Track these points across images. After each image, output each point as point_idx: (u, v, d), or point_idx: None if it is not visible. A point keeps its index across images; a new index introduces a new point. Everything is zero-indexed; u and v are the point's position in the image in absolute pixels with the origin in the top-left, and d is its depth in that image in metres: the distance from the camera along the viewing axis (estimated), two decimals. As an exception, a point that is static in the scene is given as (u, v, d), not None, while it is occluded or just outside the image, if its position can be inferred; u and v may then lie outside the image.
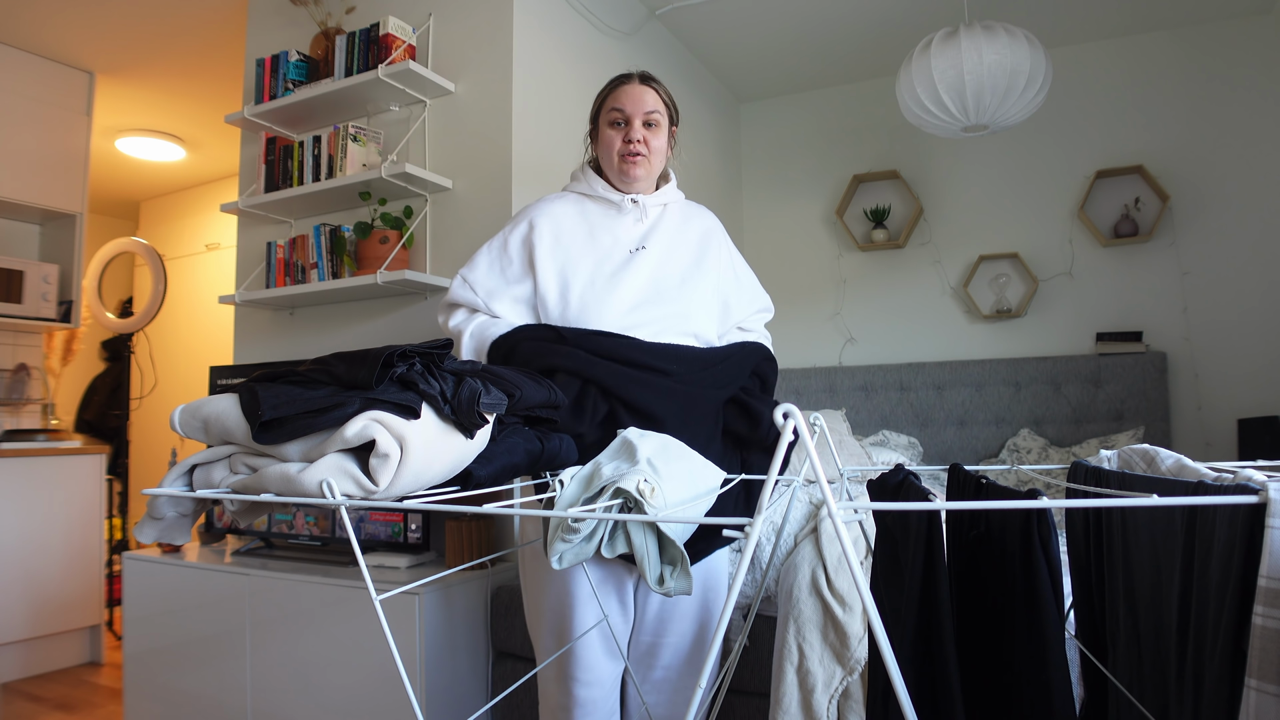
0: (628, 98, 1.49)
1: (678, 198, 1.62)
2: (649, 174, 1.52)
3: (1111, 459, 0.91)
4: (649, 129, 1.50)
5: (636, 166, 1.49)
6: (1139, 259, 3.38)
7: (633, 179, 1.50)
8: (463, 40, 2.55)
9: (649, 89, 1.51)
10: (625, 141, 1.49)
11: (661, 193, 1.57)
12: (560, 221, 1.52)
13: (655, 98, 1.51)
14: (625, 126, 1.49)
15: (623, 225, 1.52)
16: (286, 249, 2.67)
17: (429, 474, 0.92)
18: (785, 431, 0.67)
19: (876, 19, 3.35)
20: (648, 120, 1.49)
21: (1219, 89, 3.30)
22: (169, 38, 3.39)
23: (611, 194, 1.53)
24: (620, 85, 1.52)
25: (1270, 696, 0.56)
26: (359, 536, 2.25)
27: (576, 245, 1.49)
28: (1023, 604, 0.80)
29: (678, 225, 1.56)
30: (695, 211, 1.63)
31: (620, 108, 1.49)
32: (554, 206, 1.55)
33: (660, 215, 1.56)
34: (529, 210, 1.56)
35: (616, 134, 1.50)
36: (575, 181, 1.59)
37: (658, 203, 1.55)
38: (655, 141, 1.51)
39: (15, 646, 3.10)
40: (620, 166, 1.50)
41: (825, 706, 1.61)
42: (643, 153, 1.49)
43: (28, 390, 3.53)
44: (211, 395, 0.95)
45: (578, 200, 1.56)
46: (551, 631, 1.40)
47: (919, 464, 3.26)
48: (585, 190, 1.56)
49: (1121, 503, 0.65)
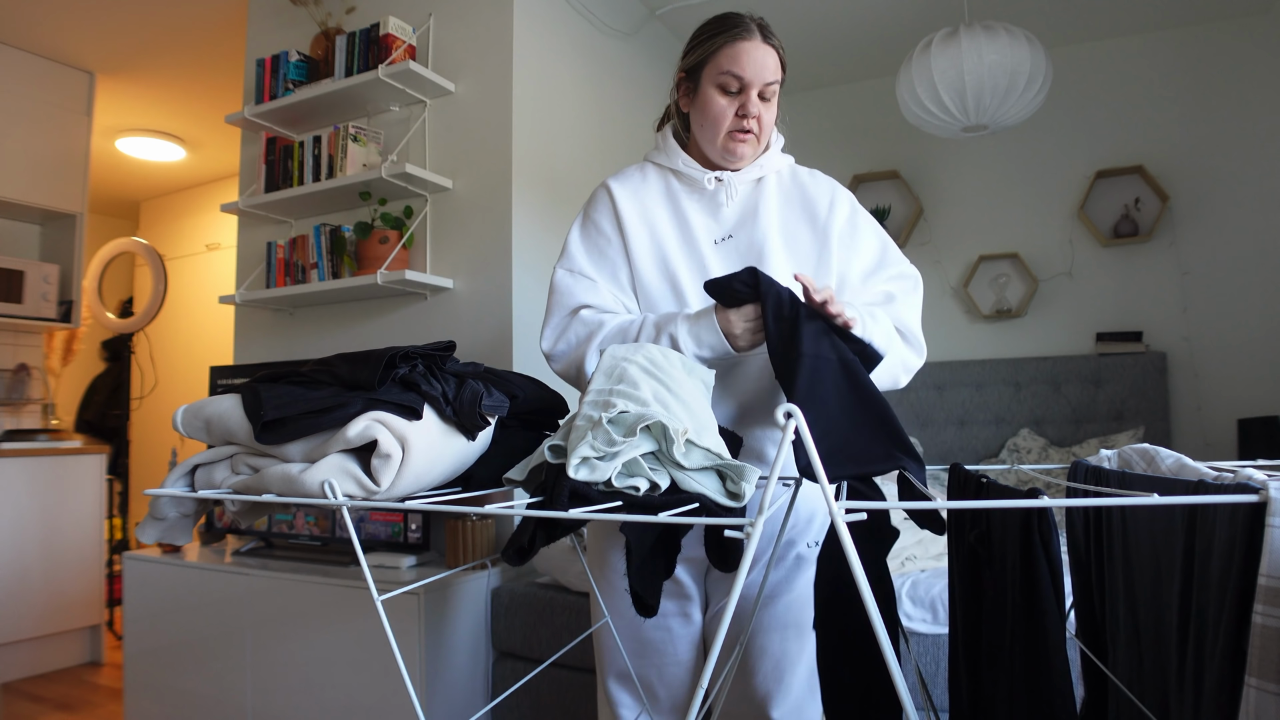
0: (750, 60, 1.18)
1: (783, 164, 1.32)
2: (755, 154, 1.27)
3: (1112, 459, 0.91)
4: (764, 102, 1.22)
5: (746, 144, 1.23)
6: (1139, 259, 3.38)
7: (739, 157, 1.24)
8: (463, 40, 2.55)
9: (772, 50, 1.21)
10: (739, 115, 1.21)
11: (755, 166, 1.27)
12: (643, 199, 1.28)
13: (777, 64, 1.22)
14: (740, 95, 1.20)
15: (708, 209, 1.27)
16: (287, 249, 2.67)
17: (431, 475, 0.92)
18: (787, 431, 0.67)
19: (876, 19, 3.35)
20: (764, 93, 1.21)
21: (1219, 89, 3.30)
22: (169, 38, 3.39)
23: (694, 169, 1.27)
24: (740, 39, 1.19)
25: (1270, 695, 0.56)
26: (359, 536, 2.25)
27: (665, 228, 1.26)
28: (1023, 603, 0.80)
29: (782, 207, 1.28)
30: (806, 186, 1.30)
31: (739, 73, 1.19)
32: (634, 182, 1.30)
33: (754, 193, 1.28)
34: (602, 186, 1.31)
35: (729, 104, 1.20)
36: (656, 151, 1.33)
37: (749, 179, 1.28)
38: (768, 116, 1.23)
39: (15, 646, 3.10)
40: (726, 145, 1.23)
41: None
42: (755, 131, 1.22)
43: (28, 390, 3.53)
44: (213, 395, 0.95)
45: (661, 175, 1.30)
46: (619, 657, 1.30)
47: (919, 464, 3.26)
48: (665, 162, 1.30)
49: (1122, 502, 0.65)
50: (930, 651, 1.69)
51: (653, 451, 0.85)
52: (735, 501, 0.82)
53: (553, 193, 2.61)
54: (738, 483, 0.83)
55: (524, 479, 0.92)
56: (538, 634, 2.01)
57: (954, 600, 1.09)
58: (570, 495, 0.78)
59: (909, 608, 1.73)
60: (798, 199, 1.29)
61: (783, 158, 1.32)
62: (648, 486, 0.82)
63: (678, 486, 0.84)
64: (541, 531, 0.86)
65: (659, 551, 0.97)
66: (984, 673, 0.94)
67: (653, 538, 0.96)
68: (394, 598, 1.90)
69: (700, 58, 1.23)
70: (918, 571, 1.82)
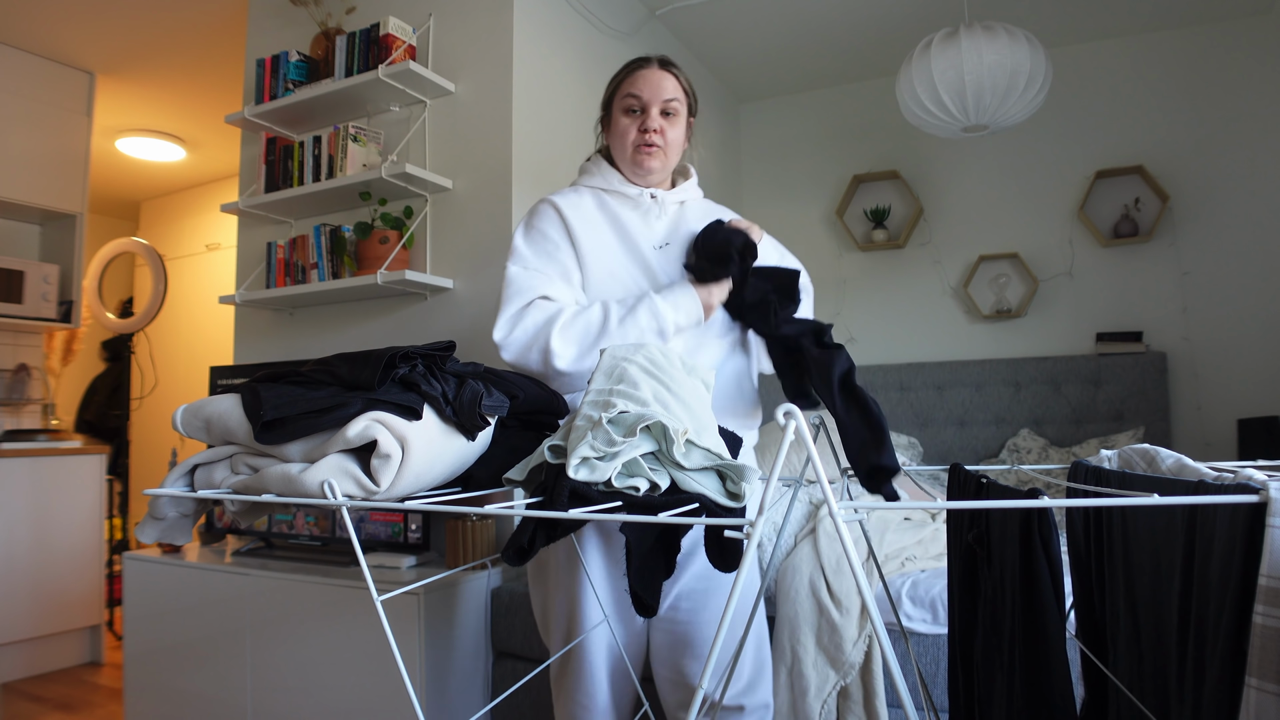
0: (645, 83, 1.37)
1: (697, 195, 1.50)
2: (664, 166, 1.41)
3: (1112, 459, 0.91)
4: (666, 118, 1.37)
5: (651, 158, 1.37)
6: (1139, 259, 3.38)
7: (647, 170, 1.38)
8: (463, 40, 2.55)
9: (669, 74, 1.39)
10: (641, 131, 1.36)
11: (680, 189, 1.46)
12: (583, 212, 1.39)
13: (675, 84, 1.38)
14: (641, 115, 1.37)
15: (644, 221, 1.40)
16: (287, 249, 2.67)
17: (430, 475, 0.92)
18: (787, 431, 0.67)
19: (876, 19, 3.35)
20: (665, 109, 1.37)
21: (1219, 89, 3.30)
22: (169, 38, 3.39)
23: (629, 188, 1.40)
24: (637, 69, 1.39)
25: (1270, 695, 0.56)
26: (359, 536, 2.25)
27: (606, 237, 1.37)
28: (1023, 603, 0.80)
29: (701, 224, 1.44)
30: (718, 214, 1.49)
31: (637, 94, 1.36)
32: (571, 199, 1.41)
33: (679, 213, 1.44)
34: (547, 201, 1.41)
35: (632, 122, 1.37)
36: (587, 175, 1.46)
37: (675, 200, 1.44)
38: (672, 132, 1.38)
39: (16, 646, 3.10)
40: (634, 157, 1.38)
41: (817, 711, 1.61)
42: (658, 144, 1.37)
43: (28, 390, 3.53)
44: (213, 395, 0.95)
45: (594, 194, 1.43)
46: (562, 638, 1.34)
47: (919, 464, 3.26)
48: (601, 184, 1.43)
49: (1122, 502, 0.65)
50: (930, 651, 1.69)
51: (653, 452, 0.85)
52: (735, 502, 0.82)
53: (552, 193, 2.60)
54: (737, 483, 0.83)
55: (524, 479, 0.92)
56: (538, 634, 2.01)
57: (953, 600, 1.09)
58: (570, 495, 0.78)
59: (909, 608, 1.73)
60: None
61: (698, 189, 1.51)
62: (648, 486, 0.82)
63: (678, 487, 0.84)
64: (541, 531, 0.86)
65: (659, 551, 0.97)
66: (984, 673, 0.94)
67: (652, 538, 0.96)
68: (394, 598, 1.90)
69: (610, 92, 1.43)
70: (918, 571, 1.82)
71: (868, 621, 1.65)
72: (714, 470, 0.85)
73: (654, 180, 1.42)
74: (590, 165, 1.47)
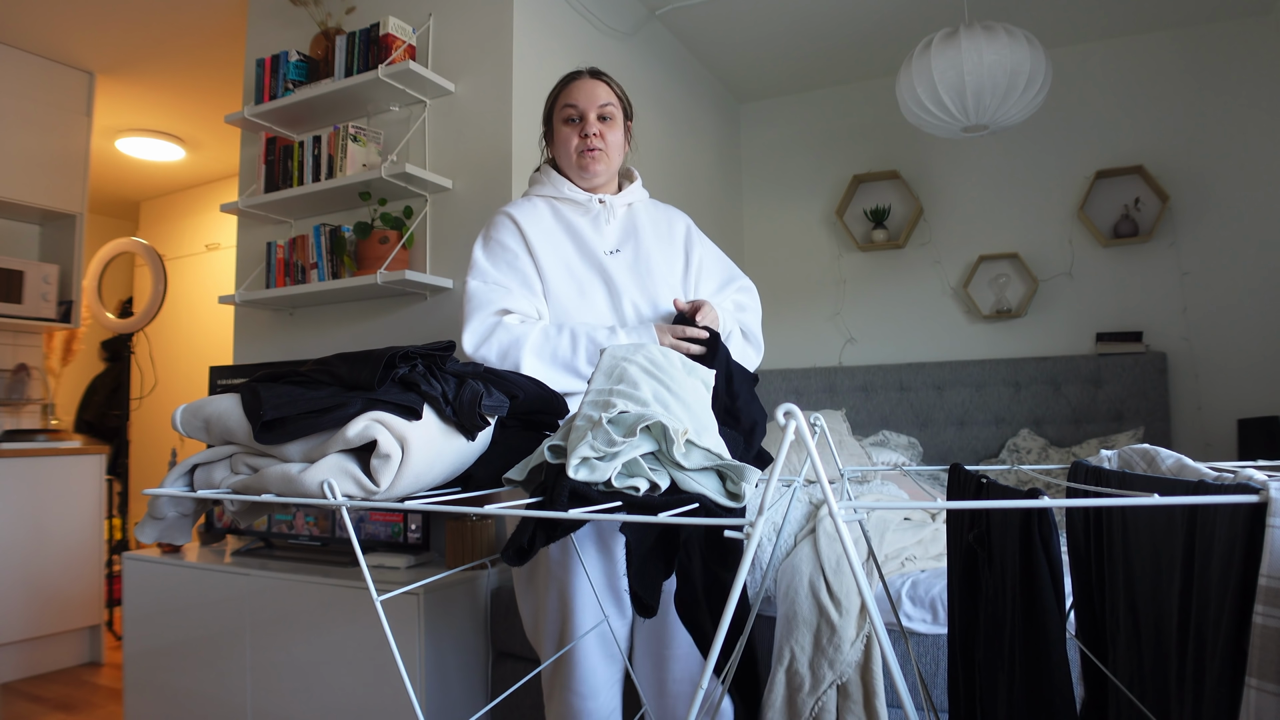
0: (580, 92, 1.47)
1: (642, 196, 1.59)
2: (609, 169, 1.49)
3: (1112, 459, 0.91)
4: (604, 123, 1.47)
5: (596, 162, 1.46)
6: (1139, 259, 3.38)
7: (593, 174, 1.47)
8: (463, 40, 2.55)
9: (600, 82, 1.49)
10: (581, 137, 1.46)
11: (626, 192, 1.54)
12: (538, 221, 1.47)
13: (607, 91, 1.49)
14: (580, 122, 1.46)
15: (595, 227, 1.49)
16: (286, 249, 2.67)
17: (430, 475, 0.92)
18: (787, 431, 0.67)
19: (876, 19, 3.35)
20: (602, 114, 1.47)
21: (1219, 89, 3.30)
22: (169, 38, 3.39)
23: (578, 194, 1.49)
24: (571, 81, 1.50)
25: (1270, 695, 0.56)
26: (359, 537, 2.25)
27: (562, 244, 1.46)
28: (1023, 604, 0.80)
29: (652, 228, 1.54)
30: (665, 213, 1.60)
31: (573, 103, 1.47)
32: (526, 209, 1.49)
33: (628, 216, 1.53)
34: (502, 213, 1.49)
35: (572, 130, 1.47)
36: (539, 185, 1.54)
37: (623, 203, 1.53)
38: (611, 136, 1.48)
39: (15, 646, 3.10)
40: (579, 163, 1.47)
41: (810, 706, 1.61)
42: (600, 147, 1.46)
43: (28, 390, 3.53)
44: (213, 395, 0.95)
45: (547, 203, 1.51)
46: (553, 637, 1.35)
47: (919, 464, 3.26)
48: (551, 193, 1.51)
49: (1122, 502, 0.65)
50: (930, 651, 1.69)
51: (653, 452, 0.84)
52: (735, 502, 0.82)
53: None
54: (737, 483, 0.83)
55: (524, 479, 0.92)
56: (537, 634, 2.01)
57: (953, 600, 1.09)
58: (570, 495, 0.78)
59: (909, 608, 1.73)
60: (663, 223, 1.57)
61: (643, 190, 1.59)
62: (648, 487, 0.82)
63: (678, 487, 0.84)
64: (541, 532, 0.86)
65: (659, 551, 0.97)
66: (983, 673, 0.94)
67: (653, 538, 0.96)
68: (394, 598, 1.90)
69: (549, 106, 1.53)
70: (918, 571, 1.82)
71: (867, 621, 1.65)
72: (714, 470, 0.85)
73: (599, 183, 1.51)
74: (540, 175, 1.55)
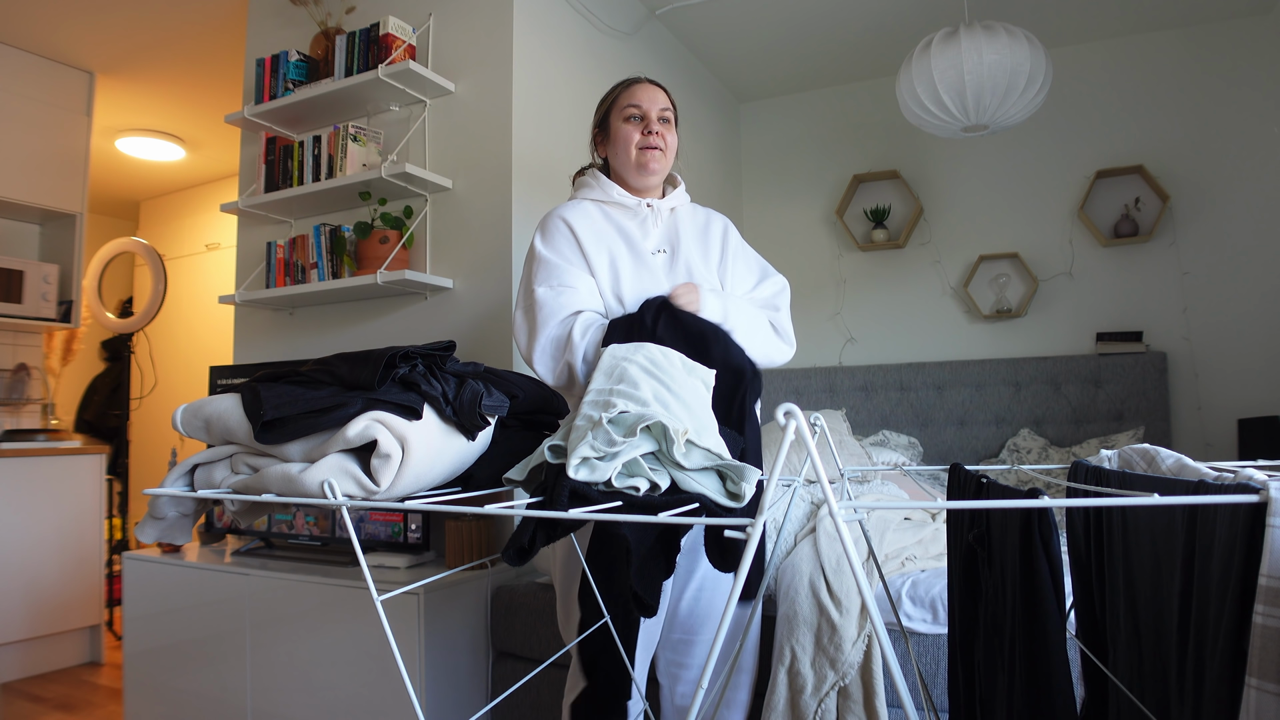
0: (644, 95, 1.54)
1: (684, 201, 1.64)
2: (664, 169, 1.55)
3: (1112, 459, 0.91)
4: (664, 124, 1.54)
5: (655, 160, 1.52)
6: (1139, 259, 3.38)
7: (651, 172, 1.53)
8: (463, 40, 2.55)
9: (659, 89, 1.57)
10: (644, 134, 1.52)
11: (671, 197, 1.60)
12: (590, 223, 1.52)
13: (665, 97, 1.57)
14: (643, 121, 1.53)
15: (641, 229, 1.55)
16: (286, 249, 2.67)
17: (430, 475, 0.92)
18: (787, 431, 0.67)
19: (876, 19, 3.35)
20: (662, 116, 1.54)
21: (1219, 89, 3.30)
22: (169, 38, 3.39)
23: (627, 199, 1.54)
24: (634, 84, 1.57)
25: (1270, 695, 0.56)
26: (359, 536, 2.25)
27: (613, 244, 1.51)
28: (1023, 604, 0.80)
29: (693, 230, 1.59)
30: (705, 215, 1.65)
31: (637, 104, 1.53)
32: (576, 211, 1.53)
33: (671, 219, 1.58)
34: (553, 214, 1.54)
35: (634, 129, 1.52)
36: (586, 189, 1.59)
37: (668, 207, 1.59)
38: (670, 137, 1.55)
39: (15, 646, 3.10)
40: (639, 159, 1.52)
41: (814, 709, 1.61)
42: (660, 146, 1.52)
43: (28, 390, 3.53)
44: (213, 395, 0.95)
45: (596, 206, 1.56)
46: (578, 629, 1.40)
47: (919, 464, 3.26)
48: (600, 196, 1.56)
49: (1122, 502, 0.65)
50: (930, 651, 1.69)
51: (653, 452, 0.84)
52: (735, 502, 0.82)
53: (552, 193, 2.60)
54: (738, 483, 0.83)
55: (524, 479, 0.92)
56: (538, 634, 2.01)
57: (953, 600, 1.09)
58: (570, 495, 0.78)
59: (909, 608, 1.73)
60: (703, 226, 1.62)
61: (685, 195, 1.64)
62: (648, 487, 0.82)
63: (678, 486, 0.84)
64: (541, 531, 0.86)
65: (659, 551, 0.97)
66: (984, 672, 0.94)
67: (653, 538, 0.96)
68: (394, 598, 1.90)
69: (606, 108, 1.59)
70: (918, 571, 1.82)
71: (867, 621, 1.65)
72: (714, 470, 0.85)
73: (654, 183, 1.56)
74: (588, 179, 1.60)
